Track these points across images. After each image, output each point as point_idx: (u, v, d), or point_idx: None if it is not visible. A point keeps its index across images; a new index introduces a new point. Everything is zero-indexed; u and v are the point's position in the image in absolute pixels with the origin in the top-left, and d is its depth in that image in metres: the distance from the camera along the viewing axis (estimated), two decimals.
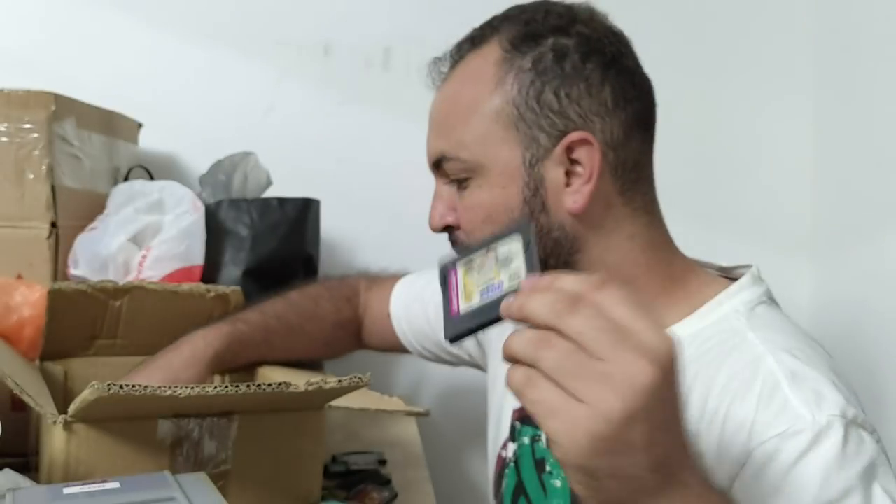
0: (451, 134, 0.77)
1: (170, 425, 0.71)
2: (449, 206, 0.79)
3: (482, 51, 0.77)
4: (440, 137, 0.78)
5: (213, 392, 0.68)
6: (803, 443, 0.62)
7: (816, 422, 0.62)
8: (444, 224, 0.80)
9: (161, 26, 1.39)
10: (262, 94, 1.41)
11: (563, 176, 0.73)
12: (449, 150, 0.77)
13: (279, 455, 0.76)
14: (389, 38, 1.43)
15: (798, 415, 0.63)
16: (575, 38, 0.74)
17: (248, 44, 1.41)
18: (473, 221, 0.77)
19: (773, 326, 0.72)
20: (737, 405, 0.66)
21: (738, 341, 0.70)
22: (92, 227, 1.07)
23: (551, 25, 0.75)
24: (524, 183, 0.74)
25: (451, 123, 0.77)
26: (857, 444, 0.62)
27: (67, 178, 1.04)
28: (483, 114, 0.75)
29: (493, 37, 0.77)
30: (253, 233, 1.13)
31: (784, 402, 0.64)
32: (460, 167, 0.76)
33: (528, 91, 0.73)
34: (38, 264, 0.99)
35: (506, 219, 0.74)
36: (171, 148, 1.38)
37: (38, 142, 0.99)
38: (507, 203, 0.74)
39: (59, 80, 1.07)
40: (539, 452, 0.82)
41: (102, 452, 0.69)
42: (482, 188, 0.76)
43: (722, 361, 0.68)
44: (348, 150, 1.43)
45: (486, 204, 0.75)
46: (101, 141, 1.15)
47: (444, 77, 0.81)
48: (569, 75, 0.73)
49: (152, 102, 1.34)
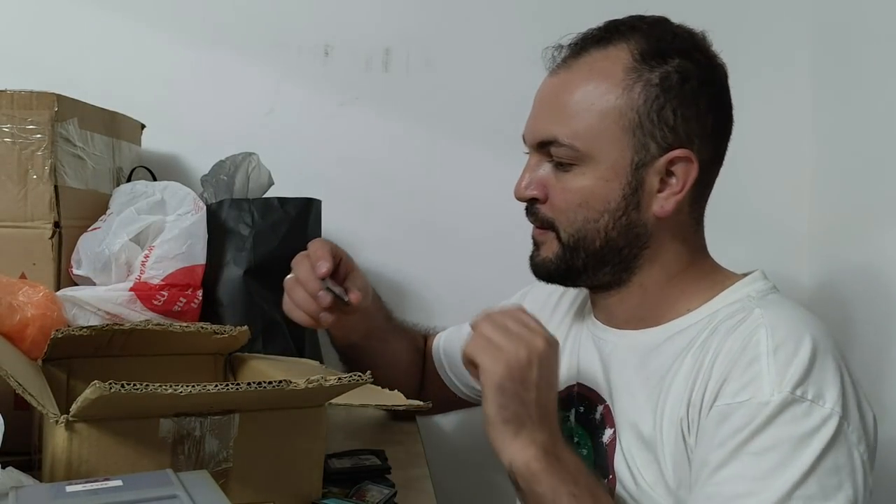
0: (568, 122, 0.84)
1: (171, 424, 0.72)
2: (538, 182, 0.88)
3: (609, 52, 0.85)
4: (555, 122, 0.85)
5: (213, 390, 0.68)
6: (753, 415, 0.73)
7: (771, 400, 0.72)
8: (529, 196, 0.88)
9: (163, 28, 1.40)
10: (263, 95, 1.42)
11: (658, 183, 0.84)
12: (563, 136, 0.84)
13: (280, 453, 0.77)
14: (389, 39, 1.43)
15: (761, 391, 0.73)
16: (695, 64, 0.84)
17: (250, 45, 1.41)
18: (569, 202, 0.86)
19: (780, 305, 0.82)
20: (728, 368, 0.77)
21: (745, 315, 0.80)
22: (94, 227, 1.08)
23: (677, 47, 0.84)
24: (626, 181, 0.84)
25: (571, 112, 0.84)
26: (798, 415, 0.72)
27: (70, 179, 1.04)
28: (605, 112, 0.83)
29: (621, 42, 0.85)
30: (254, 232, 1.14)
31: (756, 375, 0.74)
32: (570, 154, 0.84)
33: (652, 104, 0.82)
34: (42, 264, 1.00)
35: (602, 208, 0.84)
36: (173, 148, 1.38)
37: (42, 142, 1.00)
38: (607, 195, 0.84)
39: (62, 81, 1.07)
40: (566, 431, 0.90)
41: (104, 451, 0.69)
42: (585, 176, 0.84)
43: (731, 332, 0.79)
44: (349, 150, 1.43)
45: (587, 191, 0.85)
46: (104, 141, 1.15)
47: (563, 65, 0.87)
48: (687, 97, 0.83)
49: (155, 103, 1.35)
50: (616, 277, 0.88)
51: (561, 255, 0.88)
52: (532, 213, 0.89)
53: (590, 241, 0.86)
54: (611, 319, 0.92)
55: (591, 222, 0.85)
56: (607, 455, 0.86)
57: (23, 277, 0.99)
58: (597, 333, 0.93)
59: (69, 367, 0.88)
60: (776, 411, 0.72)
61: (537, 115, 0.89)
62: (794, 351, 0.74)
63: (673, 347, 0.84)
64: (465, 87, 1.45)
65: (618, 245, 0.86)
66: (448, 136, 1.45)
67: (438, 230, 1.44)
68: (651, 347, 0.86)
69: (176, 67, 1.40)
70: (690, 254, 0.88)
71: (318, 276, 0.95)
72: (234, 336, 0.92)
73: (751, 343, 0.76)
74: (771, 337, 0.76)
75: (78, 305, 0.99)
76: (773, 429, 0.72)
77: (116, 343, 0.88)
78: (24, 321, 0.89)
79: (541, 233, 0.90)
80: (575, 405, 0.93)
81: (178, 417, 0.72)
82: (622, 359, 0.89)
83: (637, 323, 0.89)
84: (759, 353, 0.75)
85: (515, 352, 0.78)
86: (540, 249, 0.90)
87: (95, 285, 1.03)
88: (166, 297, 1.04)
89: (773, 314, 0.79)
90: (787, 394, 0.72)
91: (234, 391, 0.70)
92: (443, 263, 1.44)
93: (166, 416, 0.71)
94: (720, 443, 0.74)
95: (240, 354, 0.97)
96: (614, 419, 0.87)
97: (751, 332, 0.77)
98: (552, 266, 0.89)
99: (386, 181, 1.44)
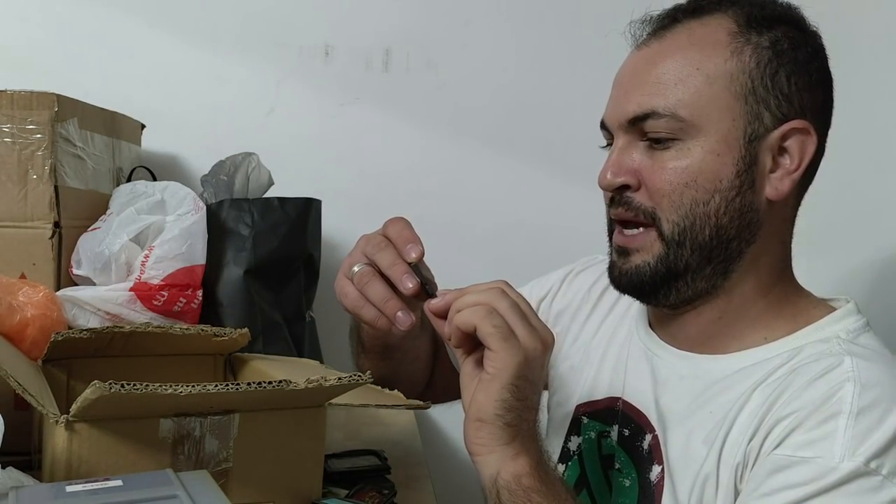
0: (668, 91, 0.74)
1: (171, 424, 0.72)
2: (628, 167, 0.76)
3: (707, 21, 0.76)
4: (652, 94, 0.75)
5: (213, 390, 0.68)
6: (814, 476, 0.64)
7: (839, 466, 0.63)
8: (620, 183, 0.76)
9: (163, 28, 1.40)
10: (263, 96, 1.42)
11: (771, 161, 0.74)
12: (665, 107, 0.74)
13: (280, 453, 0.77)
14: (389, 39, 1.44)
15: (831, 452, 0.64)
16: (803, 32, 0.76)
17: (250, 45, 1.42)
18: (673, 183, 0.74)
19: (876, 359, 0.71)
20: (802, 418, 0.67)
21: (834, 363, 0.70)
22: (94, 228, 1.07)
23: (784, 14, 0.76)
24: (740, 156, 0.73)
25: (670, 81, 0.74)
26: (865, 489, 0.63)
27: (70, 179, 1.04)
28: (713, 78, 0.74)
29: (719, 11, 0.76)
30: (254, 232, 1.14)
31: (829, 433, 0.65)
32: (673, 126, 0.74)
33: (765, 67, 0.74)
34: (42, 264, 1.00)
35: (712, 187, 0.73)
36: (173, 149, 1.39)
37: (42, 142, 0.99)
38: (719, 172, 0.73)
39: (62, 82, 1.07)
40: (607, 448, 0.82)
41: (104, 451, 0.69)
42: (691, 151, 0.74)
43: (815, 379, 0.69)
44: (349, 150, 1.43)
45: (695, 168, 0.74)
46: (104, 142, 1.15)
47: (654, 36, 0.78)
48: (801, 64, 0.74)
49: (155, 103, 1.35)
50: (710, 284, 0.76)
51: (663, 256, 0.75)
52: (623, 205, 0.77)
53: (698, 230, 0.74)
54: (674, 337, 0.81)
55: (699, 205, 0.74)
56: (654, 496, 0.76)
57: (23, 277, 0.99)
58: (652, 348, 0.82)
59: (69, 368, 0.88)
60: (842, 480, 0.63)
61: (626, 91, 0.77)
62: (881, 419, 0.65)
63: (745, 382, 0.73)
64: (465, 88, 1.45)
65: (728, 235, 0.74)
66: (448, 136, 1.45)
67: (438, 230, 1.44)
68: (718, 379, 0.75)
69: (176, 68, 1.40)
70: (783, 263, 0.78)
71: (408, 262, 0.74)
72: (234, 338, 0.92)
73: (834, 398, 0.66)
74: (858, 396, 0.66)
75: (78, 306, 0.99)
76: (832, 497, 0.63)
77: (116, 344, 0.88)
78: (24, 321, 0.89)
79: (632, 237, 0.77)
80: (619, 424, 0.82)
81: (178, 417, 0.72)
82: (680, 386, 0.78)
83: (704, 346, 0.78)
84: (840, 410, 0.66)
85: (533, 346, 0.67)
86: (631, 256, 0.77)
87: (95, 285, 1.03)
88: (166, 297, 1.04)
89: (866, 370, 0.68)
90: (859, 463, 0.63)
91: (233, 391, 0.70)
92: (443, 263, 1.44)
93: (166, 416, 0.71)
94: (766, 493, 0.65)
95: (240, 355, 0.97)
96: (664, 456, 0.76)
97: (837, 386, 0.67)
98: (647, 273, 0.76)
99: (386, 181, 1.44)
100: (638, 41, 0.80)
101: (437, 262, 1.44)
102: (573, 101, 1.44)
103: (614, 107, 0.78)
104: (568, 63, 1.45)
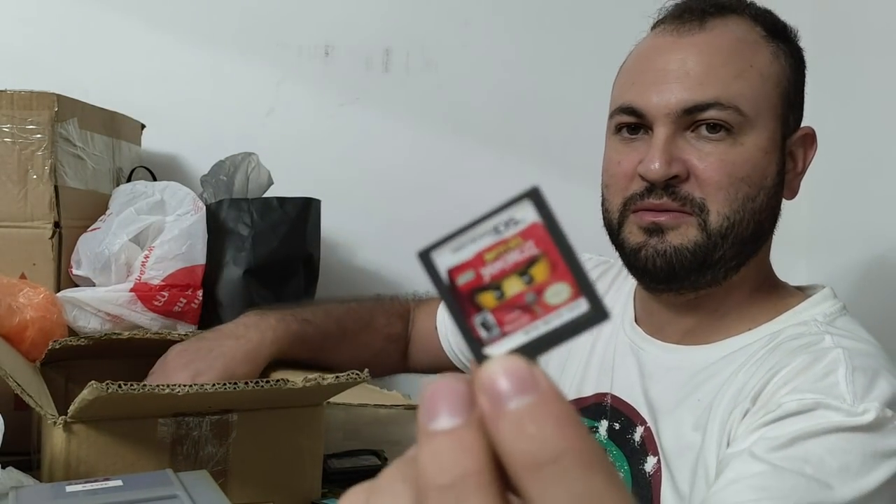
0: (730, 83, 0.74)
1: (170, 424, 0.72)
2: (678, 157, 0.75)
3: (735, 21, 0.77)
4: (712, 84, 0.74)
5: (211, 390, 0.68)
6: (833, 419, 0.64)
7: (854, 408, 0.64)
8: (671, 173, 0.74)
9: (163, 28, 1.39)
10: (263, 96, 1.42)
11: (790, 162, 0.78)
12: (728, 98, 0.73)
13: (278, 453, 0.77)
14: (389, 39, 1.43)
15: (840, 395, 0.65)
16: (798, 48, 0.80)
17: (250, 45, 1.41)
18: (732, 175, 0.74)
19: (850, 333, 0.74)
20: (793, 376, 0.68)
21: (815, 339, 0.72)
22: (94, 228, 1.07)
23: (785, 28, 0.80)
24: (780, 155, 0.76)
25: (730, 73, 0.74)
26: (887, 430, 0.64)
27: (70, 179, 1.04)
28: (766, 76, 0.76)
29: (737, 16, 0.78)
30: (254, 233, 1.14)
31: (834, 384, 0.66)
32: (734, 119, 0.74)
33: (795, 73, 0.78)
34: (42, 264, 1.00)
35: (759, 184, 0.75)
36: (173, 149, 1.38)
37: (42, 142, 0.99)
38: (766, 169, 0.75)
39: (62, 81, 1.07)
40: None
41: (103, 452, 0.69)
42: (745, 146, 0.74)
43: (797, 351, 0.71)
44: (349, 150, 1.43)
45: (750, 163, 0.74)
46: (104, 142, 1.15)
47: (696, 27, 0.77)
48: (804, 77, 0.80)
49: (155, 104, 1.35)
50: (724, 277, 0.77)
51: (703, 244, 0.74)
52: (669, 195, 0.74)
53: (744, 226, 0.74)
54: (659, 330, 0.82)
55: (749, 200, 0.74)
56: (652, 487, 0.76)
57: (23, 278, 0.99)
58: (638, 343, 0.83)
59: (67, 369, 0.88)
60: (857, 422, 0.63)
61: (677, 78, 0.75)
62: (873, 379, 0.66)
63: (729, 367, 0.75)
64: (465, 88, 1.44)
65: (762, 232, 0.76)
66: (448, 136, 1.45)
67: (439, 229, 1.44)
68: (703, 367, 0.76)
69: (176, 68, 1.40)
70: (768, 258, 0.81)
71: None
72: None
73: (825, 360, 0.68)
74: (849, 358, 0.68)
75: (79, 307, 0.99)
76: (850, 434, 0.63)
77: (115, 346, 0.88)
78: (24, 323, 0.89)
79: (673, 217, 0.75)
80: (608, 418, 0.82)
81: (177, 417, 0.72)
82: (667, 377, 0.79)
83: (690, 338, 0.80)
84: (835, 369, 0.67)
85: None
86: (667, 235, 0.75)
87: (95, 285, 1.03)
88: (167, 297, 1.04)
89: (849, 345, 0.70)
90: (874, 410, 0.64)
91: (231, 391, 0.70)
92: None
93: (164, 417, 0.71)
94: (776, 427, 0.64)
95: None
96: (658, 447, 0.76)
97: (823, 352, 0.69)
98: (685, 258, 0.74)
99: (386, 181, 1.43)
100: (675, 28, 0.78)
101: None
102: (572, 100, 1.43)
103: (660, 94, 0.75)
104: (567, 62, 1.45)
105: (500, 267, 0.28)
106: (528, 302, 0.27)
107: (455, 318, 0.28)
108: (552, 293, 0.27)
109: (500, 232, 0.29)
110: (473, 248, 0.29)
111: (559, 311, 0.27)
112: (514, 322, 0.27)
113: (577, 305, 0.27)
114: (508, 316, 0.27)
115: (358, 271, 1.43)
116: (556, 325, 0.27)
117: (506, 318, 0.27)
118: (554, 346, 0.27)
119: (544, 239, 0.28)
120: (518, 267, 0.27)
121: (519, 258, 0.28)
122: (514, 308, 0.27)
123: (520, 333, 0.27)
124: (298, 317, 0.92)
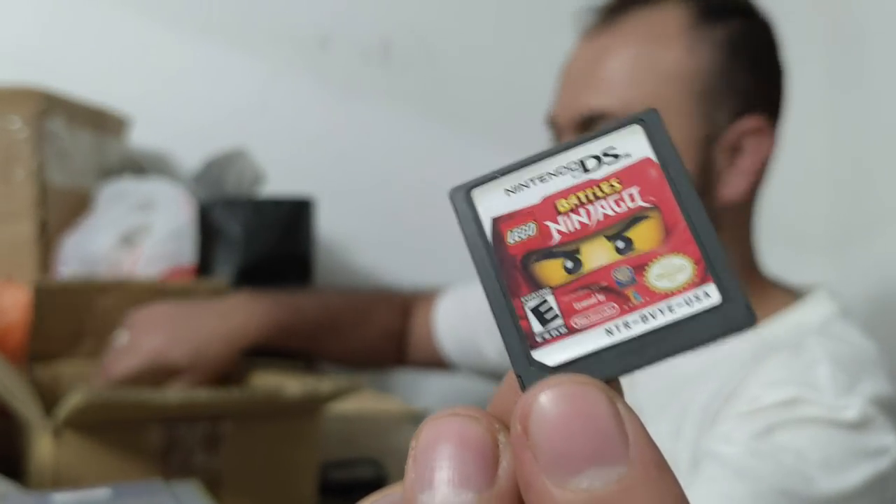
0: (621, 91, 0.71)
1: (160, 432, 0.70)
2: None
3: (659, 10, 0.73)
4: (602, 93, 0.72)
5: (204, 397, 0.67)
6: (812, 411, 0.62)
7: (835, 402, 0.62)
8: None
9: (152, 20, 1.37)
10: (256, 89, 1.40)
11: (726, 161, 0.72)
12: (615, 108, 0.71)
13: (272, 462, 0.75)
14: (388, 30, 1.42)
15: (821, 388, 0.63)
16: (758, 24, 0.74)
17: (242, 37, 1.39)
18: None
19: (842, 339, 0.70)
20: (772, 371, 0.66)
21: (797, 343, 0.69)
22: (82, 226, 1.06)
23: (737, 3, 0.74)
24: (696, 162, 0.71)
25: (622, 79, 0.72)
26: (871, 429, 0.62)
27: (57, 176, 1.02)
28: (666, 78, 0.71)
29: (672, 1, 0.74)
30: (245, 232, 1.12)
31: (815, 378, 0.64)
32: None
33: (721, 65, 0.71)
34: (27, 264, 0.98)
35: None
36: (162, 145, 1.36)
37: (27, 139, 0.98)
38: None
39: (47, 75, 1.06)
40: None
41: (91, 459, 0.68)
42: None
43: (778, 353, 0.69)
44: (345, 146, 1.42)
45: None
46: (91, 138, 1.14)
47: (603, 27, 0.75)
48: (755, 58, 0.73)
49: (143, 98, 1.33)
50: None
51: None
52: None
53: None
54: None
55: None
56: None
57: (8, 278, 0.97)
58: None
59: (55, 372, 0.87)
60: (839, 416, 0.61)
61: (574, 87, 0.75)
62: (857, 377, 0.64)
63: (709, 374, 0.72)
64: (466, 80, 1.43)
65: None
66: (449, 130, 1.44)
67: (439, 228, 1.43)
68: (682, 377, 0.74)
69: (165, 60, 1.38)
70: (747, 262, 0.76)
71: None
72: (218, 290, 0.92)
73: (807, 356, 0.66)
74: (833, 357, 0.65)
75: None
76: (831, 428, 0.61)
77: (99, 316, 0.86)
78: (9, 326, 0.88)
79: None
80: None
81: (168, 425, 0.70)
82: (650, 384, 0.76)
83: None
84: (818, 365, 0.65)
85: None
86: None
87: None
88: None
89: (834, 348, 0.67)
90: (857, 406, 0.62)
91: (225, 398, 0.68)
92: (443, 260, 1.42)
93: (155, 423, 0.70)
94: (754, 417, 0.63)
95: None
96: None
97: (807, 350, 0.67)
98: None
99: (385, 177, 1.42)
100: (584, 31, 0.77)
101: (437, 259, 1.43)
102: None
103: (562, 104, 0.75)
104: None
105: (581, 222, 0.18)
106: (621, 282, 0.17)
107: (490, 297, 0.18)
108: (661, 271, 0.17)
109: (589, 170, 0.18)
110: (541, 191, 0.19)
111: (670, 302, 0.17)
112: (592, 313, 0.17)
113: (703, 295, 0.17)
114: (583, 302, 0.17)
115: (355, 271, 1.42)
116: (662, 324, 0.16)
117: (578, 306, 0.17)
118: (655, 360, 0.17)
119: (658, 186, 0.18)
120: (610, 224, 0.18)
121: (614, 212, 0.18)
122: (594, 290, 0.17)
123: (598, 332, 0.17)
124: (292, 305, 0.90)
